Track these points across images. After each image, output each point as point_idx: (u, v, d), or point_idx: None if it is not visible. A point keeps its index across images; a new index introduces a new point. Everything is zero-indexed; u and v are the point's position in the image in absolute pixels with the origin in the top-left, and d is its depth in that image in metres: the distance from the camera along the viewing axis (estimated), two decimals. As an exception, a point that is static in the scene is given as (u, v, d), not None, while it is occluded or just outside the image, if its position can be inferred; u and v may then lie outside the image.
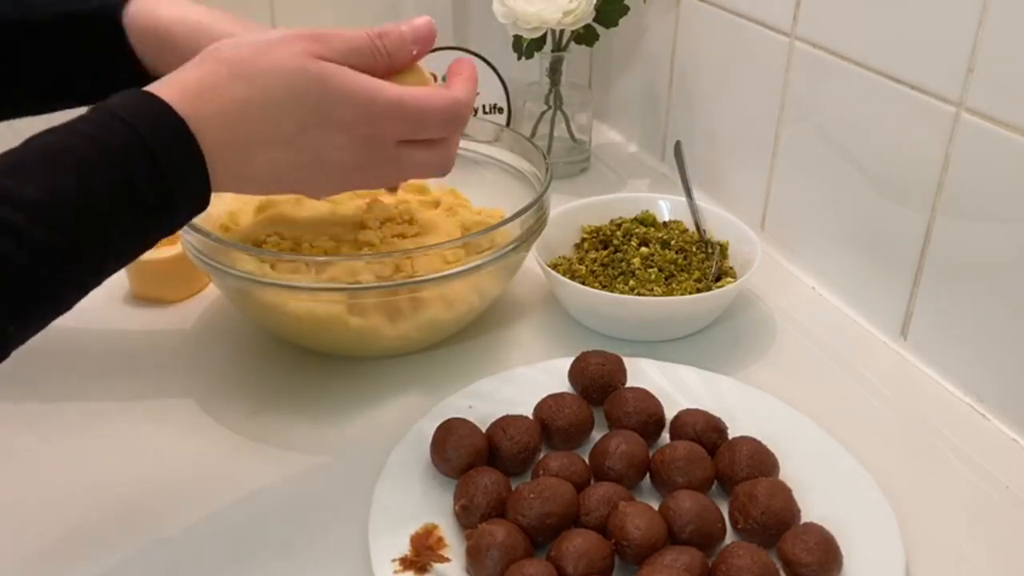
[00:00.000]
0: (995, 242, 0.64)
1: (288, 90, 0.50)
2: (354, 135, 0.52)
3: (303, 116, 0.51)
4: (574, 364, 0.66)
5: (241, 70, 0.50)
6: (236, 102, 0.49)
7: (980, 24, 0.62)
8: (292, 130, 0.51)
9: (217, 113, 0.49)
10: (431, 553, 0.53)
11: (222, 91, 0.49)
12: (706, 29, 0.92)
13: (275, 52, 0.51)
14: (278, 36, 0.52)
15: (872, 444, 0.62)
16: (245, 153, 0.50)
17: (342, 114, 0.52)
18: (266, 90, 0.50)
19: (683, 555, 0.51)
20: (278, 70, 0.50)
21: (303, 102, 0.51)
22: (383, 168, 0.55)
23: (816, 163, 0.80)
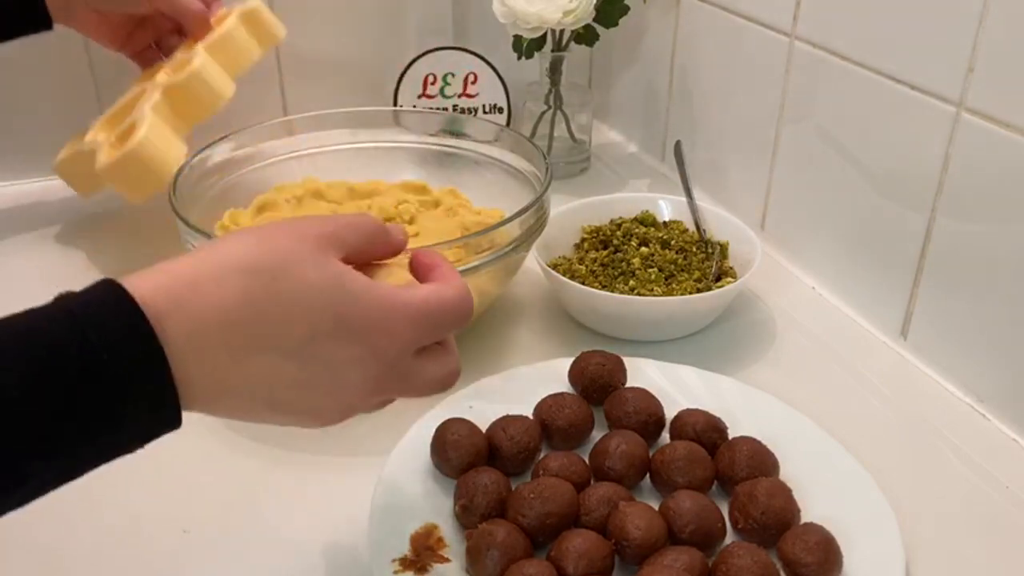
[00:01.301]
0: (995, 242, 0.64)
1: (302, 288, 0.42)
2: (374, 346, 0.44)
3: (317, 321, 0.43)
4: (574, 364, 0.66)
5: (245, 263, 0.42)
6: (236, 294, 0.41)
7: (980, 24, 0.62)
8: (301, 336, 0.42)
9: (207, 307, 0.40)
10: (431, 553, 0.53)
11: (221, 282, 0.41)
12: (706, 29, 0.92)
13: (284, 245, 0.43)
14: (287, 231, 0.44)
15: (872, 444, 0.62)
16: (236, 357, 0.41)
17: (363, 322, 0.44)
18: (274, 285, 0.42)
19: (683, 555, 0.51)
20: (290, 263, 0.43)
21: (318, 304, 0.43)
22: (394, 385, 0.47)
23: (816, 163, 0.80)
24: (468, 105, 1.04)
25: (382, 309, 0.44)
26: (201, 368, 0.40)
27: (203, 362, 0.40)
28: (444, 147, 0.86)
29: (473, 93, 1.04)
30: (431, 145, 0.86)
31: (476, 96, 1.04)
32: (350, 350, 0.44)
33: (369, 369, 0.45)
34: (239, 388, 0.42)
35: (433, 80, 1.03)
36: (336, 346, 0.43)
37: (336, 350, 0.43)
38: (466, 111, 1.04)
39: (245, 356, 0.41)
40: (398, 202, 0.78)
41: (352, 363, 0.44)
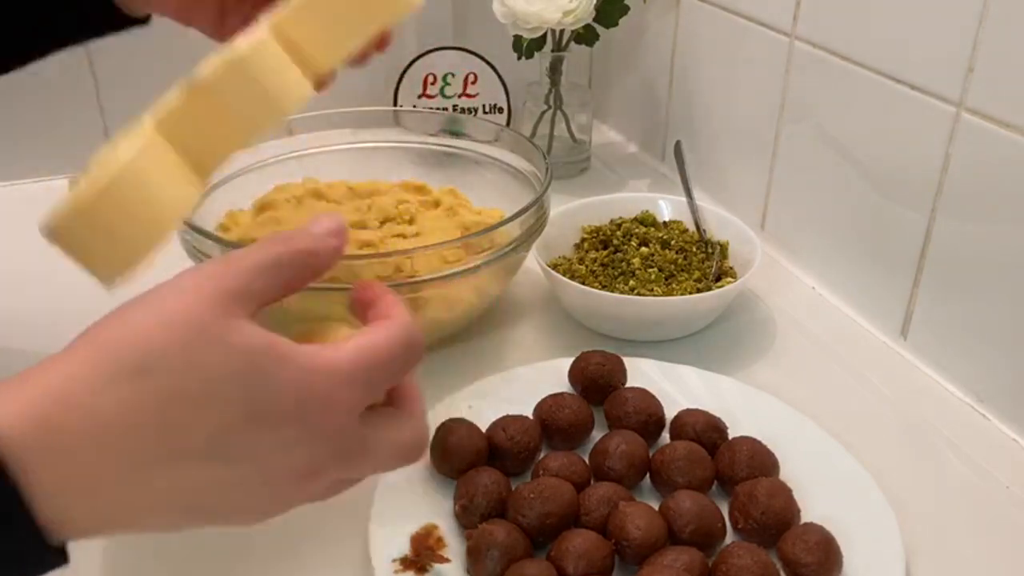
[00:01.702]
0: (995, 242, 0.64)
1: (200, 379, 0.35)
2: (305, 423, 0.37)
3: (225, 412, 0.36)
4: (574, 364, 0.66)
5: (128, 362, 0.35)
6: (121, 405, 0.34)
7: (980, 24, 0.62)
8: (210, 434, 0.36)
9: (86, 429, 0.34)
10: (431, 553, 0.53)
11: (100, 393, 0.34)
12: (706, 29, 0.92)
13: (176, 324, 0.35)
14: (180, 298, 0.36)
15: (872, 444, 0.62)
16: (134, 476, 0.35)
17: (284, 400, 0.37)
18: (167, 383, 0.35)
19: (683, 555, 0.51)
20: (184, 352, 0.35)
21: (223, 394, 0.36)
22: (341, 463, 0.40)
23: (816, 163, 0.80)
24: (468, 105, 1.04)
25: (305, 379, 0.37)
26: (88, 500, 0.34)
27: (90, 493, 0.34)
28: (444, 147, 0.86)
29: (473, 93, 1.04)
30: (431, 145, 0.86)
31: (476, 96, 1.04)
32: (274, 435, 0.37)
33: (303, 452, 0.38)
34: (147, 506, 0.36)
35: (433, 80, 1.03)
36: (256, 435, 0.37)
37: (257, 439, 0.37)
38: (466, 111, 1.04)
39: (145, 471, 0.35)
40: (398, 202, 0.78)
41: (280, 449, 0.37)
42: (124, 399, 0.34)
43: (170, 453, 0.35)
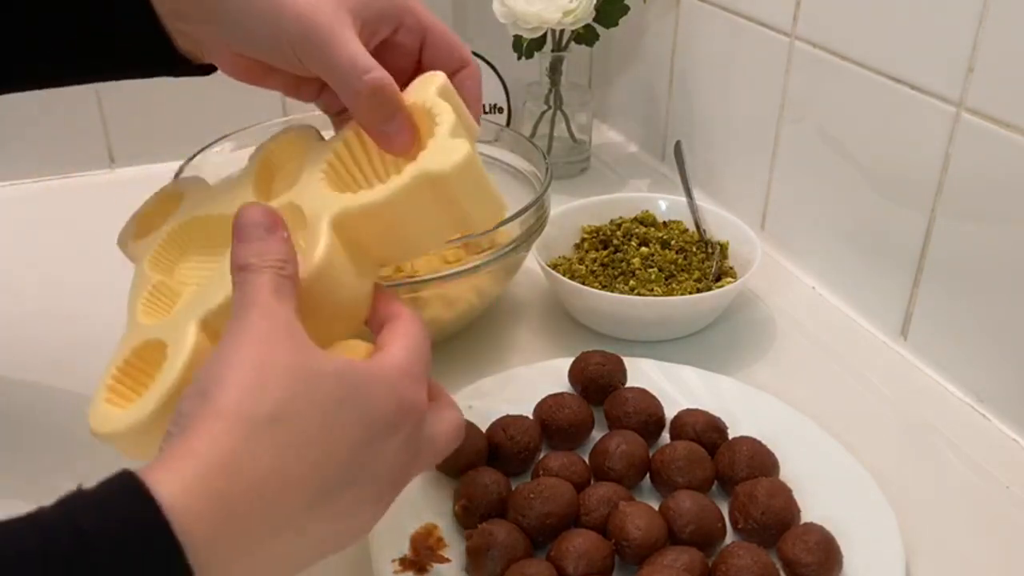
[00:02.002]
0: (995, 242, 0.64)
1: (319, 411, 0.37)
2: (406, 425, 0.41)
3: (350, 436, 0.38)
4: (574, 364, 0.66)
5: (259, 413, 0.36)
6: (268, 460, 0.36)
7: (980, 24, 0.62)
8: (343, 461, 0.38)
9: (249, 485, 0.35)
10: (431, 553, 0.53)
11: (248, 452, 0.35)
12: (706, 29, 0.92)
13: (278, 370, 0.37)
14: (259, 348, 0.37)
15: (872, 444, 0.62)
16: (292, 524, 0.37)
17: (386, 409, 0.40)
18: (296, 424, 0.36)
19: (683, 555, 0.51)
20: (295, 390, 0.37)
21: (342, 419, 0.38)
22: (423, 455, 0.43)
23: (816, 163, 0.80)
24: (468, 105, 1.04)
25: (392, 387, 0.40)
26: (247, 560, 0.35)
27: (250, 552, 0.35)
28: (444, 147, 0.85)
29: (473, 93, 1.04)
30: (431, 145, 0.86)
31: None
32: (388, 444, 0.40)
33: (405, 453, 0.41)
34: (297, 551, 0.38)
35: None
36: (377, 449, 0.39)
37: (378, 452, 0.39)
38: (466, 111, 1.03)
39: (300, 517, 0.37)
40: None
41: (393, 455, 0.40)
42: (270, 454, 0.36)
43: (317, 492, 0.37)
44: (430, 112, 0.46)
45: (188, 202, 0.54)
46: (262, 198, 0.50)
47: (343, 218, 0.44)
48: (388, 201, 0.43)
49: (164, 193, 0.56)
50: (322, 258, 0.42)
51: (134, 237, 0.54)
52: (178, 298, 0.50)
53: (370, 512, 0.41)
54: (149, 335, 0.46)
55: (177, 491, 0.33)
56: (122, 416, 0.43)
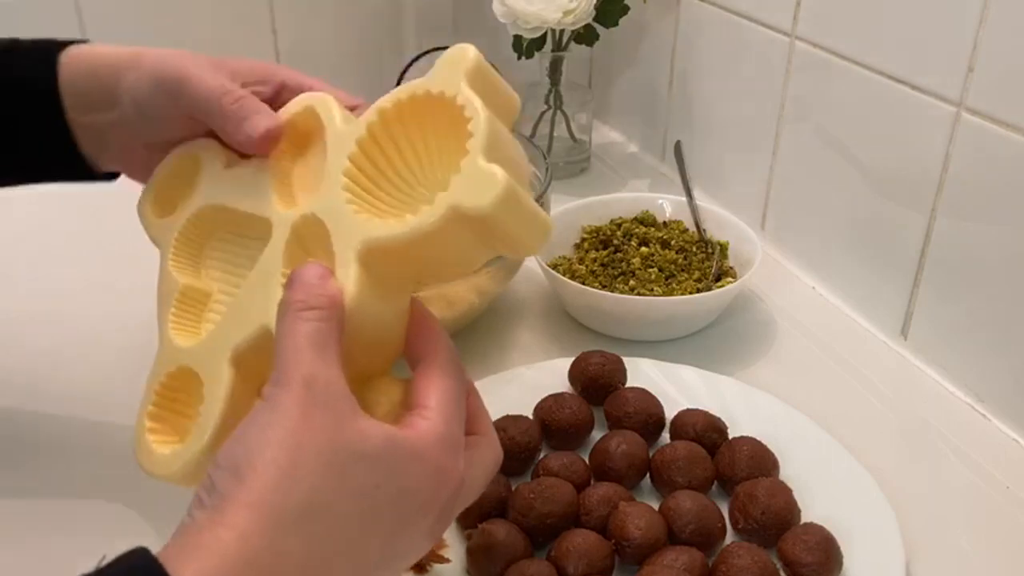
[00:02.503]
0: (995, 242, 0.64)
1: (351, 496, 0.36)
2: (442, 500, 0.40)
3: (383, 520, 0.37)
4: (574, 364, 0.66)
5: (288, 506, 0.35)
6: (297, 554, 0.35)
7: (980, 24, 0.62)
8: (378, 546, 0.38)
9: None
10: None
11: (274, 546, 0.34)
12: (706, 29, 0.92)
13: (309, 453, 0.36)
14: (292, 425, 0.36)
15: (872, 444, 0.62)
16: None
17: (424, 491, 0.39)
18: (327, 515, 0.36)
19: (683, 555, 0.51)
20: (326, 477, 0.36)
21: (377, 504, 0.37)
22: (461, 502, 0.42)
23: (816, 163, 0.80)
24: (468, 105, 1.04)
25: (432, 465, 0.39)
26: None
27: None
28: (444, 147, 0.85)
29: (473, 93, 1.04)
30: (431, 145, 0.86)
31: (476, 96, 1.04)
32: (422, 524, 0.39)
33: (441, 521, 0.41)
34: None
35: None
36: (411, 530, 0.39)
37: (412, 533, 0.39)
38: (466, 111, 1.03)
39: None
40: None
41: (427, 529, 0.40)
42: (299, 549, 0.35)
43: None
44: (461, 111, 0.41)
45: (205, 174, 0.52)
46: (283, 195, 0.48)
47: (370, 249, 0.41)
48: (419, 236, 0.40)
49: (178, 156, 0.54)
50: (352, 299, 0.40)
51: (154, 211, 0.53)
52: (207, 299, 0.50)
53: (401, 567, 0.41)
54: (182, 361, 0.47)
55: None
56: (169, 460, 0.45)
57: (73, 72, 0.53)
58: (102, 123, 0.53)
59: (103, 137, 0.54)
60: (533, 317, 0.78)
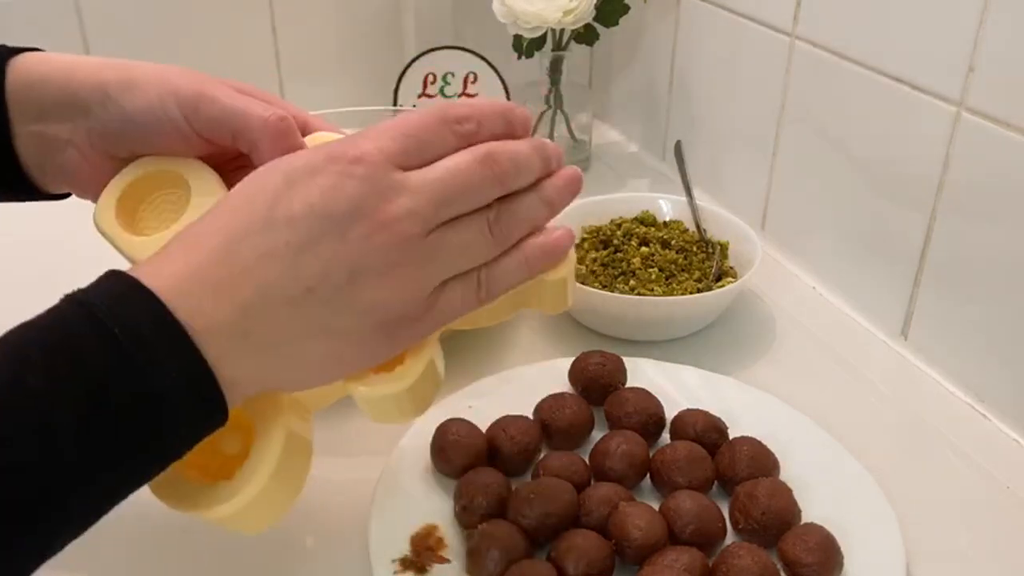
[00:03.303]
0: (996, 242, 0.64)
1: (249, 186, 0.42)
2: (324, 166, 0.41)
3: (275, 183, 0.41)
4: (574, 364, 0.66)
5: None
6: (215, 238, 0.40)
7: (980, 24, 0.62)
8: (270, 205, 0.40)
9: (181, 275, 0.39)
10: (431, 553, 0.53)
11: (198, 231, 0.41)
12: (706, 29, 0.92)
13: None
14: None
15: (873, 444, 0.62)
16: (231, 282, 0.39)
17: (314, 155, 0.42)
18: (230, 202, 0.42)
19: (683, 555, 0.51)
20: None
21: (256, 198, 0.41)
22: (419, 270, 0.42)
23: (816, 163, 0.80)
24: (468, 105, 1.04)
25: (329, 146, 0.42)
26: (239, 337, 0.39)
27: (242, 332, 0.39)
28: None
29: (473, 93, 1.04)
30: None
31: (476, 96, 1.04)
32: (317, 181, 0.40)
33: (387, 254, 0.40)
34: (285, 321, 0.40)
35: (433, 79, 1.03)
36: (301, 190, 0.40)
37: (304, 193, 0.40)
38: (466, 111, 1.03)
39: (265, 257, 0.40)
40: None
41: (326, 191, 0.40)
42: (211, 223, 0.41)
43: (255, 230, 0.40)
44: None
45: (200, 196, 0.51)
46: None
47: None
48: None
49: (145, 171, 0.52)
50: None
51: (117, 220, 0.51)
52: None
53: (362, 299, 0.41)
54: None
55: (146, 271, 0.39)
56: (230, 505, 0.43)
57: (23, 79, 0.51)
58: (55, 132, 0.51)
59: (52, 147, 0.52)
60: (533, 317, 0.78)
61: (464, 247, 0.43)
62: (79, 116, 0.50)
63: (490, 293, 0.45)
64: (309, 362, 0.42)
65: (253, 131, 0.49)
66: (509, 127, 0.45)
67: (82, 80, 0.50)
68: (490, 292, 0.45)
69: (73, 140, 0.51)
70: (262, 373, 0.41)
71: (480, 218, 0.43)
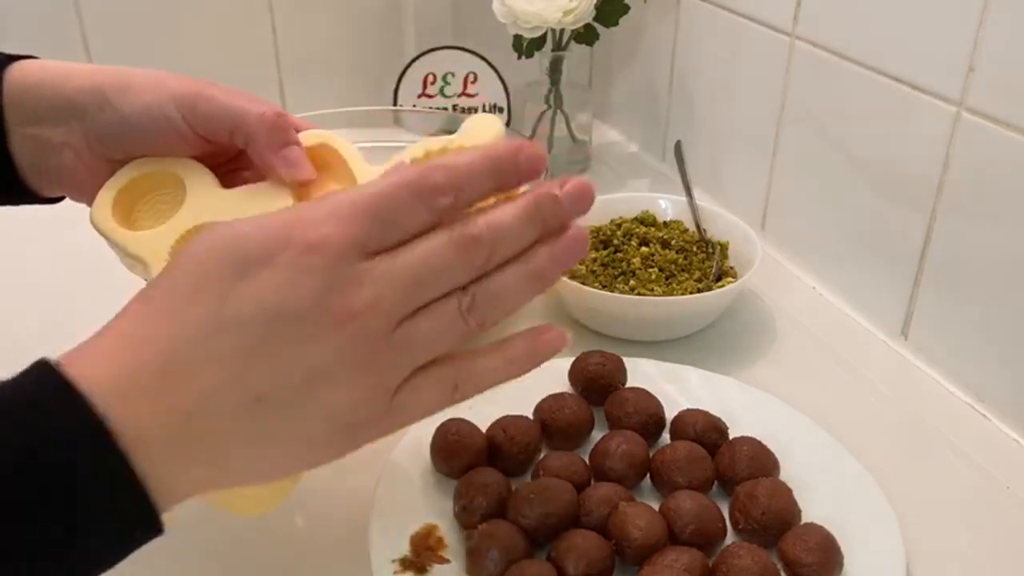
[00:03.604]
0: (996, 242, 0.64)
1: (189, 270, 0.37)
2: (276, 254, 0.36)
3: (215, 275, 0.37)
4: (574, 364, 0.66)
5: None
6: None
7: (980, 24, 0.62)
8: (211, 303, 0.37)
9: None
10: (431, 554, 0.53)
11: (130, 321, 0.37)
12: (706, 29, 0.92)
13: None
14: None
15: (873, 444, 0.62)
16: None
17: (263, 242, 0.37)
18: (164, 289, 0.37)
19: (683, 555, 0.51)
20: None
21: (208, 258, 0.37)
22: (382, 369, 0.38)
23: (816, 163, 0.80)
24: (468, 105, 1.04)
25: (287, 220, 0.37)
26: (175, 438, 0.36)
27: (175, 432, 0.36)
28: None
29: (473, 93, 1.04)
30: (431, 145, 0.86)
31: (476, 96, 1.04)
32: (263, 278, 0.36)
33: (341, 354, 0.36)
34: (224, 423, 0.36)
35: (433, 80, 1.03)
36: (246, 288, 0.36)
37: (251, 291, 0.36)
38: (466, 111, 1.04)
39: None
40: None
41: (275, 289, 0.36)
42: (141, 315, 0.37)
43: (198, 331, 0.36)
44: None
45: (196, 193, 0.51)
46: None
47: None
48: None
49: (140, 171, 0.52)
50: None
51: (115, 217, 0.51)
52: None
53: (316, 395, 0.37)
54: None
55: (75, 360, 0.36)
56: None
57: (19, 83, 0.51)
58: (50, 135, 0.51)
59: (47, 150, 0.52)
60: (533, 317, 0.78)
61: (434, 339, 0.38)
62: (75, 119, 0.51)
63: (465, 395, 0.41)
64: (259, 468, 0.39)
65: (250, 126, 0.49)
66: (501, 182, 0.39)
67: (78, 84, 0.50)
68: (465, 394, 0.41)
69: (69, 143, 0.51)
70: (201, 479, 0.38)
71: (452, 303, 0.38)
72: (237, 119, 0.49)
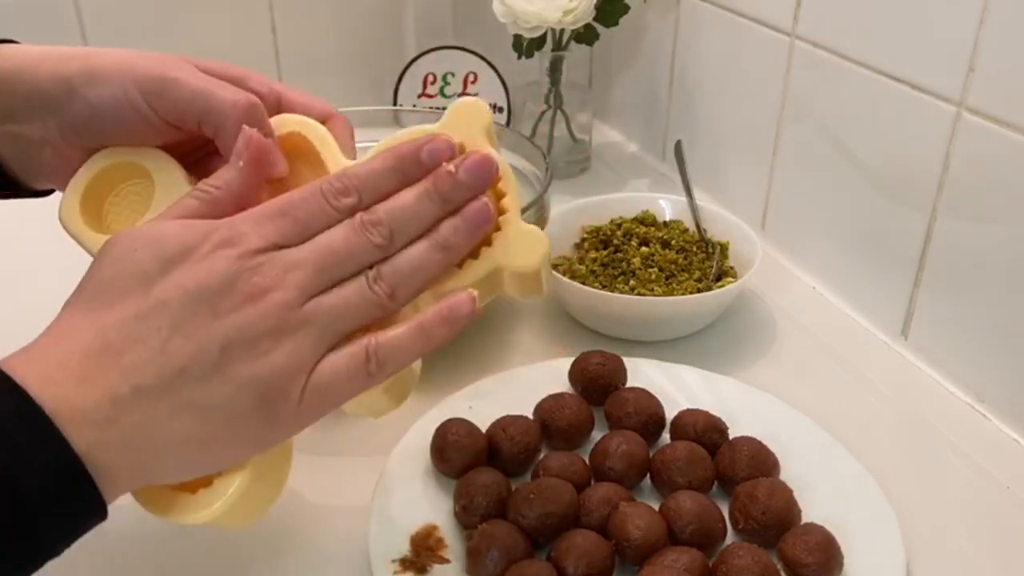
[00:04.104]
0: (996, 242, 0.64)
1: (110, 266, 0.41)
2: (195, 245, 0.41)
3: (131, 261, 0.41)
4: (574, 364, 0.66)
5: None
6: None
7: (981, 24, 0.62)
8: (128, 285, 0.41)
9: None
10: (431, 554, 0.53)
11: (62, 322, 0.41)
12: (706, 29, 0.92)
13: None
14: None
15: (873, 444, 0.62)
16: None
17: (172, 233, 0.42)
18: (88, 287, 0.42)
19: (683, 555, 0.51)
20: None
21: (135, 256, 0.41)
22: (294, 338, 0.41)
23: (816, 163, 0.80)
24: (468, 105, 1.04)
25: (208, 221, 0.42)
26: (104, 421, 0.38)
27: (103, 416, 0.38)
28: (444, 147, 0.85)
29: (473, 93, 1.04)
30: (431, 145, 0.86)
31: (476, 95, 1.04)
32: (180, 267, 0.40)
33: (250, 326, 0.40)
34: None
35: (433, 79, 1.03)
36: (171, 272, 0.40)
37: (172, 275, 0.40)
38: (466, 111, 1.03)
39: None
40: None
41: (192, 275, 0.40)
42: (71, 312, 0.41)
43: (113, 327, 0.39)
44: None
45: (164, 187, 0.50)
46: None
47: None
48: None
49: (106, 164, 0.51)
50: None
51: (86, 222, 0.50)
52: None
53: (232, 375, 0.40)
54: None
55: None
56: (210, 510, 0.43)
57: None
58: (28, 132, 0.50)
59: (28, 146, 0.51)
60: (533, 317, 0.78)
61: (342, 308, 0.41)
62: (47, 113, 0.49)
63: (381, 366, 0.42)
64: (183, 447, 0.40)
65: (220, 114, 0.47)
66: (405, 178, 0.44)
67: (47, 75, 0.49)
68: (381, 365, 0.42)
69: (47, 138, 0.50)
70: (136, 460, 0.39)
71: (360, 277, 0.42)
72: (205, 105, 0.47)
